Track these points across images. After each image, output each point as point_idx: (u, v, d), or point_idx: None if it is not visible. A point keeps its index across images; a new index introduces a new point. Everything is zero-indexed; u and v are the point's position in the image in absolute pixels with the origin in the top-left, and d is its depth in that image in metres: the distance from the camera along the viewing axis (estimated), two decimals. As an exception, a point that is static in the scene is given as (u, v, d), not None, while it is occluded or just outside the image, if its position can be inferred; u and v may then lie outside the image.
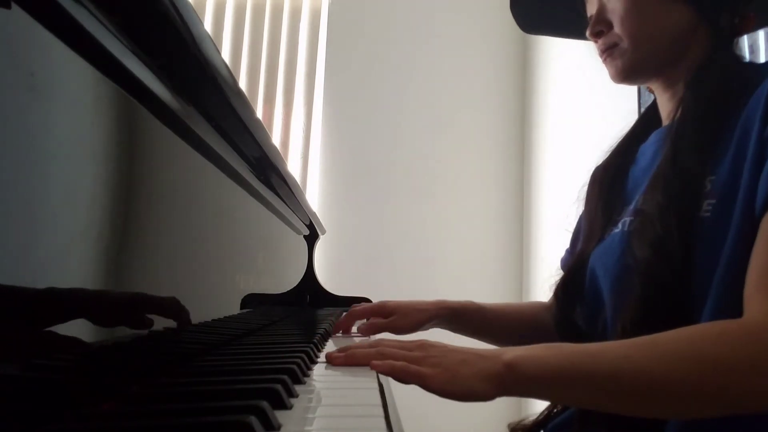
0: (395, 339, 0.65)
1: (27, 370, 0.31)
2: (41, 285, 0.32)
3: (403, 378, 0.53)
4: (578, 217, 0.90)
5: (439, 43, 2.84)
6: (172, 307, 0.52)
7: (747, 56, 1.34)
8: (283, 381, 0.45)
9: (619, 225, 0.73)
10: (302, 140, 2.69)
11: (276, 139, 2.66)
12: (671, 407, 0.53)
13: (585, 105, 2.17)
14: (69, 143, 0.35)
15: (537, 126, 2.73)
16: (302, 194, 1.14)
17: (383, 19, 2.83)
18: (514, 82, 2.88)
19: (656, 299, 0.58)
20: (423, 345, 0.58)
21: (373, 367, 0.54)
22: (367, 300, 1.40)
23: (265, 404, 0.36)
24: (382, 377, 0.54)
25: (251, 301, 0.83)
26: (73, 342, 0.35)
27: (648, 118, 0.83)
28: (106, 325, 0.40)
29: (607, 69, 0.76)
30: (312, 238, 1.41)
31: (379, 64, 2.80)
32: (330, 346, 0.78)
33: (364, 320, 0.95)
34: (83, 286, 0.37)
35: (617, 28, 0.73)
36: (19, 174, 0.30)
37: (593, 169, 0.86)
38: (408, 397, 0.42)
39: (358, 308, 0.96)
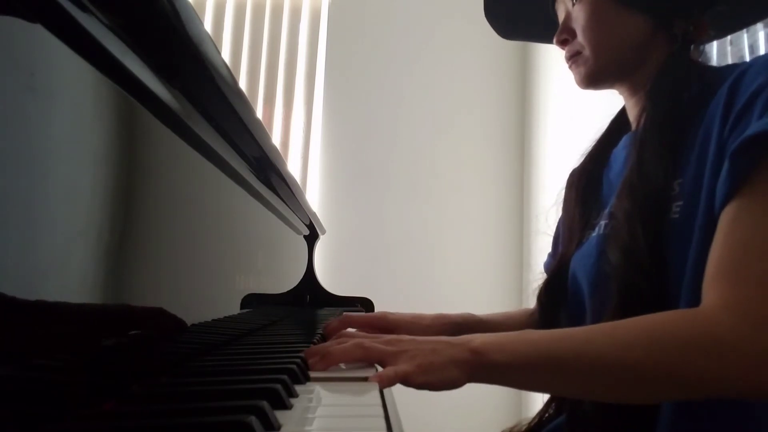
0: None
1: (27, 370, 0.31)
2: (40, 286, 0.32)
3: (391, 384, 0.54)
4: (557, 221, 0.91)
5: (439, 42, 2.84)
6: (160, 318, 0.51)
7: (747, 56, 1.34)
8: (283, 381, 0.45)
9: (596, 228, 0.74)
10: (302, 140, 2.69)
11: (276, 139, 2.66)
12: (631, 389, 0.55)
13: (585, 106, 2.17)
14: (69, 143, 0.35)
15: (537, 126, 2.73)
16: (302, 194, 1.14)
17: (383, 19, 2.83)
18: (514, 82, 2.88)
19: (633, 304, 0.60)
20: (391, 339, 0.60)
21: (371, 379, 0.54)
22: (367, 300, 1.40)
23: (264, 404, 0.36)
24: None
25: (251, 301, 0.83)
26: (74, 341, 0.35)
27: (619, 122, 0.85)
28: (96, 338, 0.40)
29: (573, 75, 0.78)
30: (312, 238, 1.41)
31: (379, 64, 2.80)
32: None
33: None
34: (83, 286, 0.37)
35: (579, 37, 0.75)
36: (19, 174, 0.30)
37: (569, 173, 0.87)
38: (408, 397, 0.43)
39: (354, 315, 0.87)
